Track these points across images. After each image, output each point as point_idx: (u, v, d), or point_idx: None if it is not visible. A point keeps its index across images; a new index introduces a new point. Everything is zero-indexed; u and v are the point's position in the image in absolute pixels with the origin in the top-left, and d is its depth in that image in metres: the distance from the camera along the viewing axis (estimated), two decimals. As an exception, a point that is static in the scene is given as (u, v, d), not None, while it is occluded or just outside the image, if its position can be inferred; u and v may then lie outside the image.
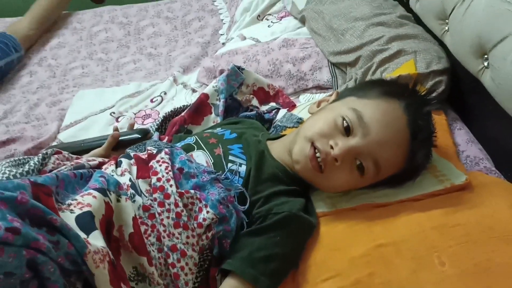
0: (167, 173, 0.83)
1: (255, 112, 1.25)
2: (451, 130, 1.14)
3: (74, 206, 0.71)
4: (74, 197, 0.74)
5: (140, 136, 1.08)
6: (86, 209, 0.70)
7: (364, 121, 0.86)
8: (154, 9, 2.06)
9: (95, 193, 0.74)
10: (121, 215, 0.77)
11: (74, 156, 0.92)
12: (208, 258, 0.83)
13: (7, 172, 0.81)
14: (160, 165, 0.84)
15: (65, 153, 0.90)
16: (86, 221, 0.69)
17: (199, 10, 2.05)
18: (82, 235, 0.67)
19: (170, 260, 0.77)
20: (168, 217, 0.79)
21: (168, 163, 0.85)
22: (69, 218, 0.68)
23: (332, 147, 0.86)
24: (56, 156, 0.87)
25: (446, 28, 1.19)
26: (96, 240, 0.68)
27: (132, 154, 0.91)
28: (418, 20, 1.39)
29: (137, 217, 0.78)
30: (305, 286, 0.82)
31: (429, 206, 0.89)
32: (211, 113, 1.24)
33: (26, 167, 0.82)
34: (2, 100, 1.55)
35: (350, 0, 1.49)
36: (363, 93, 0.93)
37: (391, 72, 1.19)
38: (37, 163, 0.83)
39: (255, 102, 1.32)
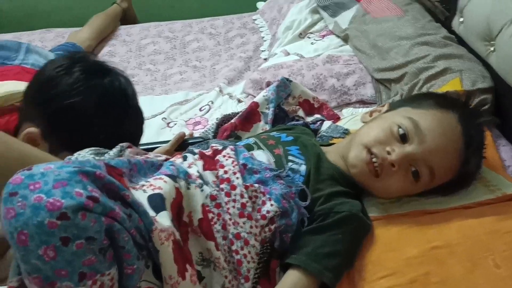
0: (233, 166, 0.87)
1: (301, 122, 1.30)
2: (496, 147, 1.18)
3: (147, 187, 0.75)
4: (147, 180, 0.79)
5: (203, 139, 1.14)
6: (157, 191, 0.74)
7: (421, 129, 0.90)
8: (198, 25, 2.15)
9: (166, 178, 0.78)
10: (191, 202, 0.81)
11: (143, 151, 0.97)
12: (268, 251, 0.87)
13: (91, 158, 0.87)
14: (227, 159, 0.89)
15: (135, 147, 0.96)
16: (156, 201, 0.73)
17: (241, 27, 2.14)
18: (152, 213, 0.71)
19: (233, 247, 0.81)
20: (233, 207, 0.83)
21: (234, 158, 0.89)
22: (142, 196, 0.73)
23: (389, 153, 0.91)
24: (129, 149, 0.93)
25: (492, 48, 1.24)
26: (163, 219, 0.71)
27: (196, 150, 0.96)
28: (460, 42, 1.44)
29: (205, 205, 0.82)
30: (362, 284, 0.85)
31: (481, 213, 0.92)
32: (260, 120, 1.30)
33: (106, 156, 0.88)
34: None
35: (393, 21, 1.56)
36: (417, 104, 0.98)
37: (437, 89, 1.24)
38: (116, 153, 0.89)
39: (301, 113, 1.37)
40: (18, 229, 0.59)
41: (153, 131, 1.41)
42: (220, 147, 0.94)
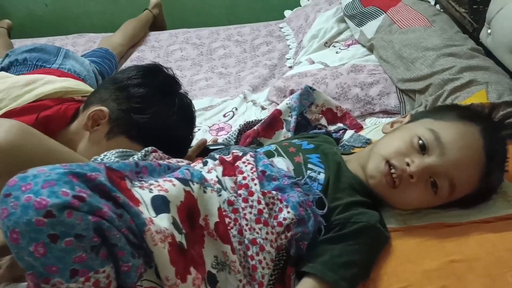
0: (252, 173, 0.89)
1: (324, 130, 1.31)
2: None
3: (155, 187, 0.76)
4: (157, 180, 0.80)
5: (224, 145, 1.16)
6: (162, 193, 0.75)
7: (442, 141, 0.90)
8: (225, 32, 2.19)
9: (175, 181, 0.79)
10: (206, 206, 0.82)
11: (167, 156, 1.00)
12: (284, 258, 0.88)
13: (115, 160, 0.90)
14: (246, 166, 0.90)
15: (160, 152, 0.98)
16: (159, 202, 0.74)
17: (267, 35, 2.16)
18: (152, 214, 0.72)
19: (249, 253, 0.82)
20: (250, 213, 0.84)
21: (253, 165, 0.91)
22: (146, 196, 0.74)
23: (408, 164, 0.90)
24: (154, 154, 0.95)
25: (520, 61, 1.23)
26: (162, 221, 0.72)
27: (217, 156, 0.98)
28: (487, 54, 1.42)
29: (222, 209, 0.84)
30: (377, 294, 0.85)
31: (501, 228, 0.90)
32: (282, 128, 1.31)
33: (131, 159, 0.90)
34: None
35: (420, 31, 1.55)
36: (440, 115, 0.97)
37: (462, 101, 1.23)
38: (140, 157, 0.91)
39: (323, 121, 1.37)
40: (10, 228, 0.61)
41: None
42: (240, 153, 0.95)
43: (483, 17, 1.45)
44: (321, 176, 0.95)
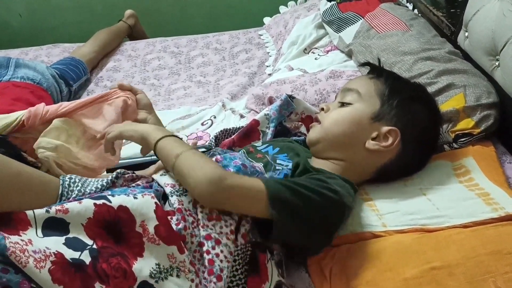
0: None
1: (303, 137, 1.29)
2: (501, 163, 1.14)
3: (58, 211, 0.74)
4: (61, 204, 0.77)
5: (206, 149, 1.14)
6: (60, 214, 0.74)
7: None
8: (204, 40, 2.16)
9: (85, 199, 0.78)
10: (141, 211, 0.79)
11: (138, 175, 0.97)
12: (248, 250, 0.86)
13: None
14: None
15: (131, 173, 0.95)
16: (51, 224, 0.73)
17: (246, 43, 2.14)
18: (39, 234, 0.71)
19: (204, 248, 0.81)
20: (201, 212, 0.84)
21: None
22: (41, 216, 0.73)
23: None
24: (125, 176, 0.93)
25: (497, 63, 1.22)
26: (45, 242, 0.71)
27: None
28: (465, 57, 1.42)
29: (161, 211, 0.81)
30: (357, 304, 0.83)
31: (483, 232, 0.89)
32: (259, 139, 1.29)
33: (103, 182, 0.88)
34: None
35: (397, 36, 1.54)
36: None
37: (440, 105, 1.21)
38: (110, 181, 0.88)
39: (303, 129, 1.36)
40: None
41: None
42: (208, 156, 0.96)
43: (460, 20, 1.45)
44: (290, 166, 0.99)
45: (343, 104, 1.07)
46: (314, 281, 0.91)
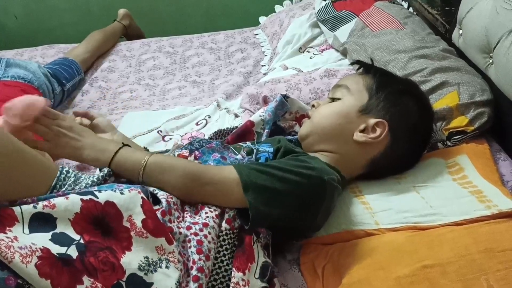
0: None
1: (297, 137, 1.29)
2: (495, 161, 1.14)
3: (45, 206, 0.74)
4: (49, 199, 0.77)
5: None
6: (47, 209, 0.74)
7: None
8: (199, 40, 2.16)
9: (71, 195, 0.78)
10: (128, 206, 0.80)
11: None
12: (234, 235, 0.87)
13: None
14: None
15: None
16: (38, 219, 0.73)
17: (242, 42, 2.13)
18: (25, 231, 0.72)
19: (192, 231, 0.83)
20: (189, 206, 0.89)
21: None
22: (27, 212, 0.73)
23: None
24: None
25: (490, 61, 1.21)
26: (31, 238, 0.71)
27: (176, 154, 1.00)
28: (460, 55, 1.41)
29: (148, 205, 0.82)
30: (349, 303, 0.82)
31: (475, 230, 0.89)
32: (254, 140, 1.29)
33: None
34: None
35: (392, 34, 1.53)
36: None
37: (434, 103, 1.21)
38: (101, 179, 0.88)
39: (297, 128, 1.35)
40: None
41: (147, 143, 1.39)
42: (186, 153, 0.99)
43: (454, 18, 1.44)
44: (271, 150, 1.02)
45: (333, 100, 1.09)
46: (307, 280, 0.91)
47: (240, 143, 1.14)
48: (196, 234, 0.83)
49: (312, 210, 0.90)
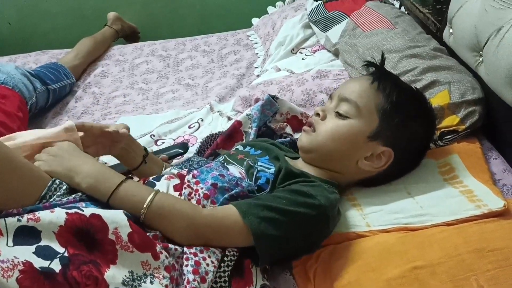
0: (189, 199, 0.91)
1: (289, 139, 1.29)
2: (487, 159, 1.14)
3: (30, 219, 0.74)
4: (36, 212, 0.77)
5: (182, 150, 1.14)
6: (31, 222, 0.74)
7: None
8: (192, 43, 2.16)
9: (57, 208, 0.78)
10: (113, 219, 0.79)
11: None
12: (235, 255, 0.87)
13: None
14: (185, 189, 0.93)
15: None
16: (22, 232, 0.73)
17: (235, 44, 2.13)
18: (9, 243, 0.71)
19: (192, 250, 0.83)
20: None
21: (192, 189, 0.92)
22: (12, 225, 0.72)
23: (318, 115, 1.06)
24: None
25: (480, 59, 1.21)
26: (13, 251, 0.70)
27: (175, 172, 0.99)
28: (451, 54, 1.41)
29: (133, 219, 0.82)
30: (340, 306, 0.82)
31: (465, 230, 0.89)
32: (242, 140, 1.29)
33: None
34: (50, 123, 1.65)
35: (383, 34, 1.54)
36: None
37: (425, 102, 1.21)
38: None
39: (288, 130, 1.36)
40: None
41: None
42: (185, 172, 0.97)
43: (445, 16, 1.44)
44: (272, 170, 0.99)
45: (340, 115, 1.02)
46: (298, 283, 0.91)
47: (237, 147, 1.13)
48: (195, 255, 0.82)
49: (316, 242, 0.94)
